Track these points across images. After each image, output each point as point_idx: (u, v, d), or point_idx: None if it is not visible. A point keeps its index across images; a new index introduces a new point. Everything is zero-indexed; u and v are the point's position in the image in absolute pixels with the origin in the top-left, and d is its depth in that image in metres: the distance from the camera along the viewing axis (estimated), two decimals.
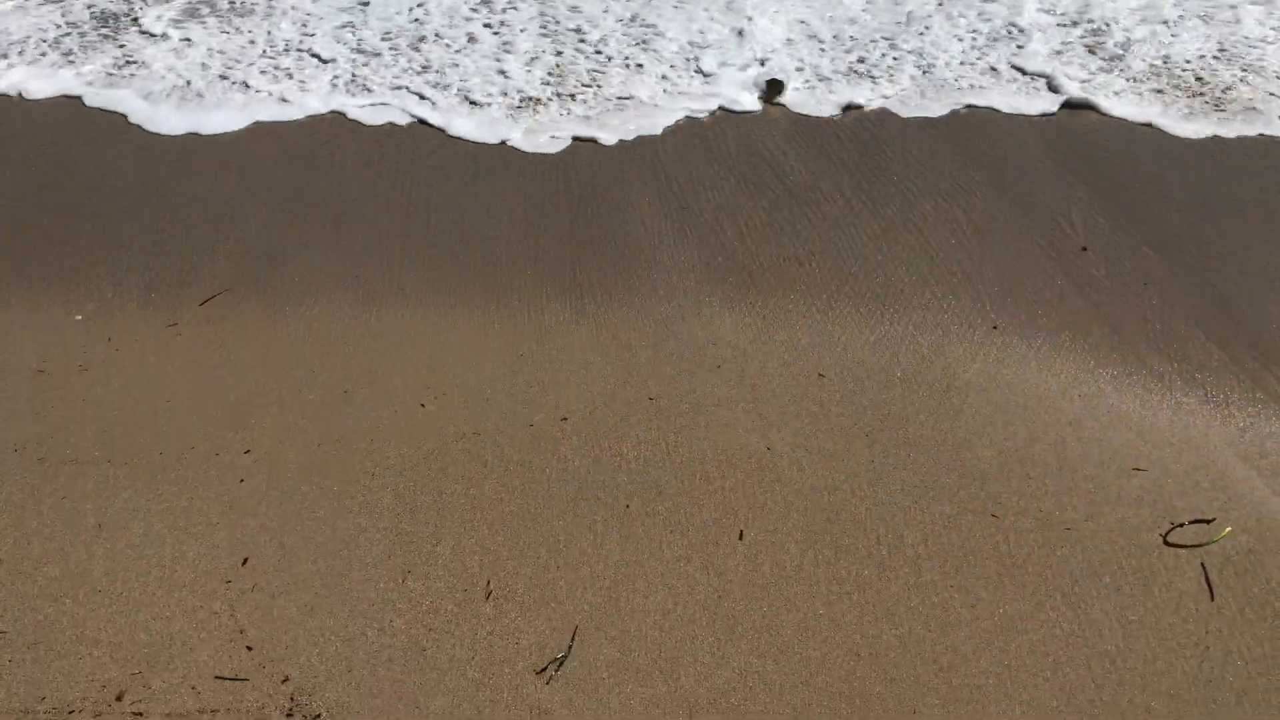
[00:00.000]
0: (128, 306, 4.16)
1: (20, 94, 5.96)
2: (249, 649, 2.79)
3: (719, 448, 3.44)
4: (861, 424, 3.55)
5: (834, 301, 4.21)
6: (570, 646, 2.79)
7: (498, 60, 6.18)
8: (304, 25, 6.61)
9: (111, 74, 6.03)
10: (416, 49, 6.31)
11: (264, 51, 6.29)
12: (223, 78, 6.01)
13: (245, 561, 3.04)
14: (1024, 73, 6.12)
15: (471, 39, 6.33)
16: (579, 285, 4.34)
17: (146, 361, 3.85)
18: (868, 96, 5.90)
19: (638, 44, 6.38)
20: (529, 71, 6.09)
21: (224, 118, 5.64)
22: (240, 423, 3.55)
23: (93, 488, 3.28)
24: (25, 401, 3.64)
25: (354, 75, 6.06)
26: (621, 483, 3.31)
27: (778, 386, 3.73)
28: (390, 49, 6.33)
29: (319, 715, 2.62)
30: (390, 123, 5.68)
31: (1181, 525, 3.11)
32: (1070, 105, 5.78)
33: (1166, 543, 3.06)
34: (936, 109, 5.78)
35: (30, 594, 2.93)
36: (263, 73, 6.08)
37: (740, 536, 3.11)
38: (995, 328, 4.02)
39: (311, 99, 5.85)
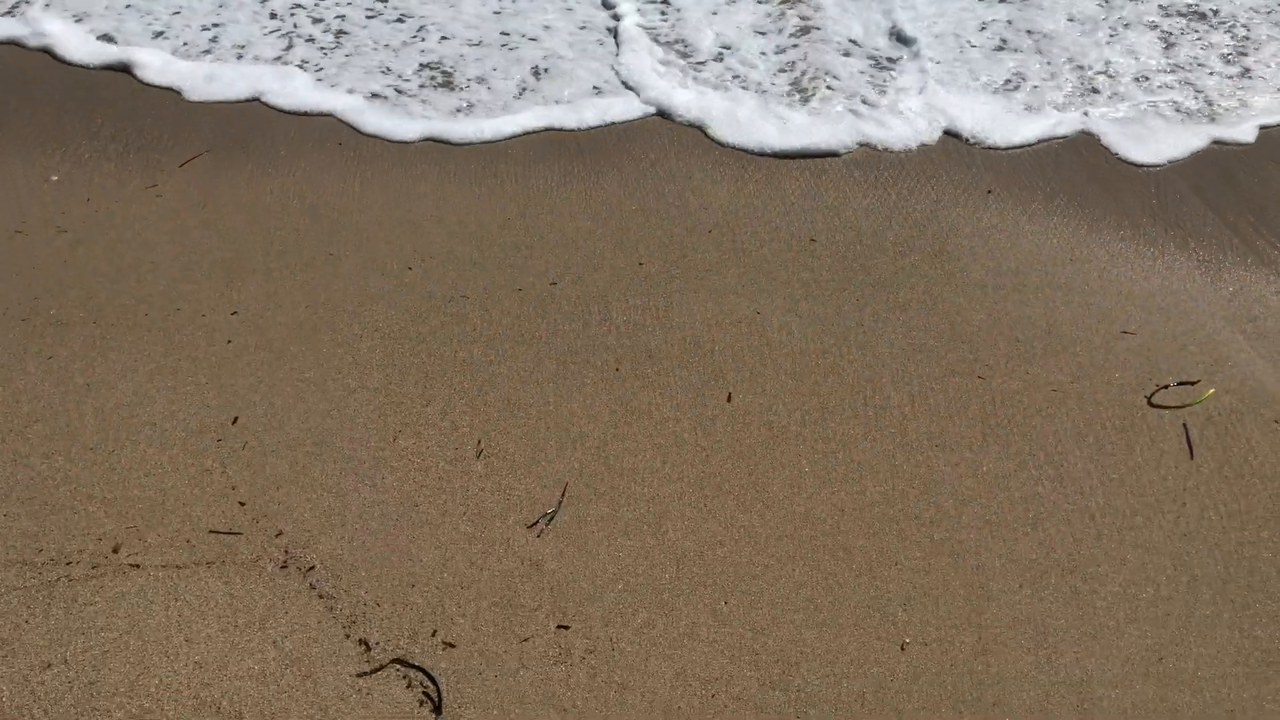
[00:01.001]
0: (105, 168, 4.07)
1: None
2: (242, 504, 2.82)
3: (708, 312, 3.43)
4: (852, 288, 3.53)
5: (827, 165, 4.14)
6: (560, 502, 2.83)
7: None
8: None
9: None
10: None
11: None
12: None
13: (235, 421, 3.05)
14: None
15: None
16: (568, 149, 4.25)
17: (127, 223, 3.79)
18: None
19: None
20: None
21: None
22: (226, 284, 3.51)
23: (79, 348, 3.26)
24: (5, 263, 3.59)
25: None
26: (610, 345, 3.31)
27: (768, 251, 3.69)
28: None
29: (313, 567, 2.67)
30: None
31: (1166, 387, 3.14)
32: None
33: (1150, 404, 3.10)
34: None
35: (22, 451, 2.94)
36: None
37: (728, 399, 3.13)
38: (990, 192, 3.96)
39: None
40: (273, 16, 5.08)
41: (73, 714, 2.35)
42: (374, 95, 4.51)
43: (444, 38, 4.94)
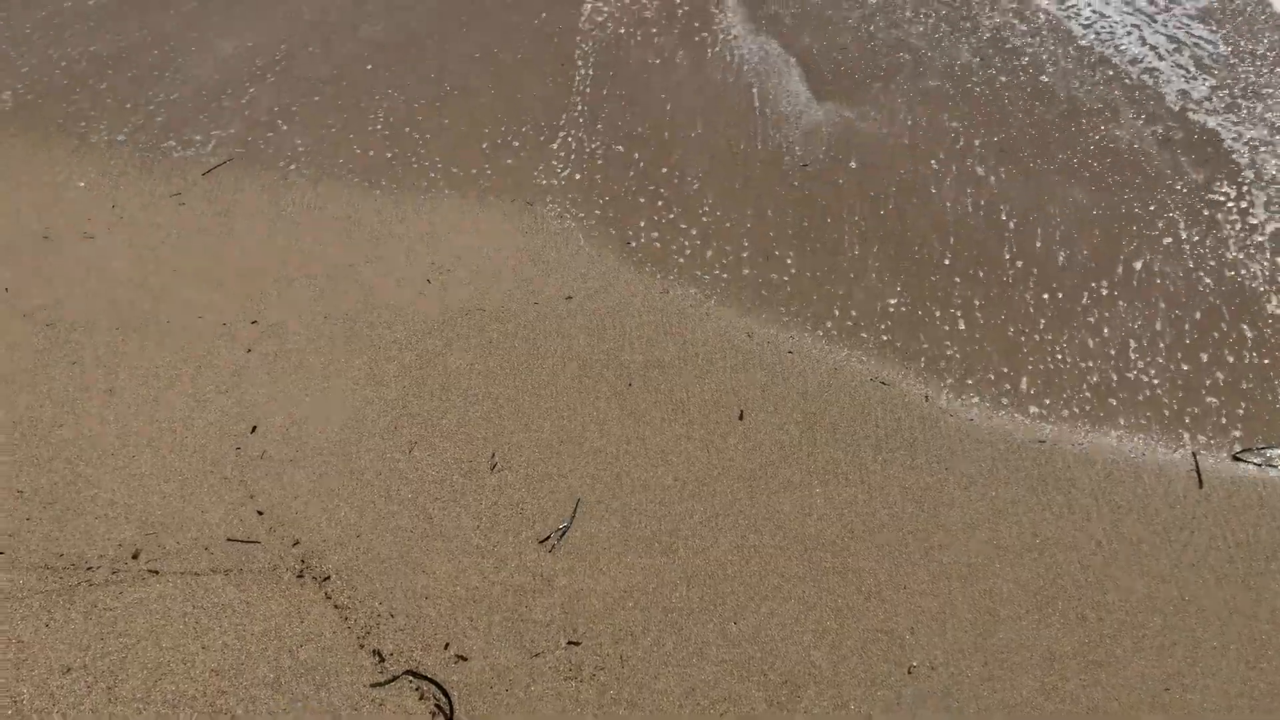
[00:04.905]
0: (130, 174, 4.12)
1: None
2: (260, 513, 2.86)
3: (720, 330, 3.46)
4: None
5: None
6: (573, 517, 2.87)
7: None
8: None
9: None
10: None
11: None
12: None
13: (254, 429, 3.09)
14: None
15: None
16: (585, 167, 4.28)
17: (151, 230, 3.84)
18: None
19: None
20: None
21: None
22: (246, 293, 3.56)
23: (103, 353, 3.32)
24: (33, 267, 3.64)
25: None
26: (624, 361, 3.34)
27: None
28: None
29: (328, 577, 2.71)
30: None
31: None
32: None
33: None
34: None
35: (44, 456, 3.00)
36: None
37: (740, 417, 3.16)
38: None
39: None
40: None
41: (90, 718, 2.40)
42: None
43: None
